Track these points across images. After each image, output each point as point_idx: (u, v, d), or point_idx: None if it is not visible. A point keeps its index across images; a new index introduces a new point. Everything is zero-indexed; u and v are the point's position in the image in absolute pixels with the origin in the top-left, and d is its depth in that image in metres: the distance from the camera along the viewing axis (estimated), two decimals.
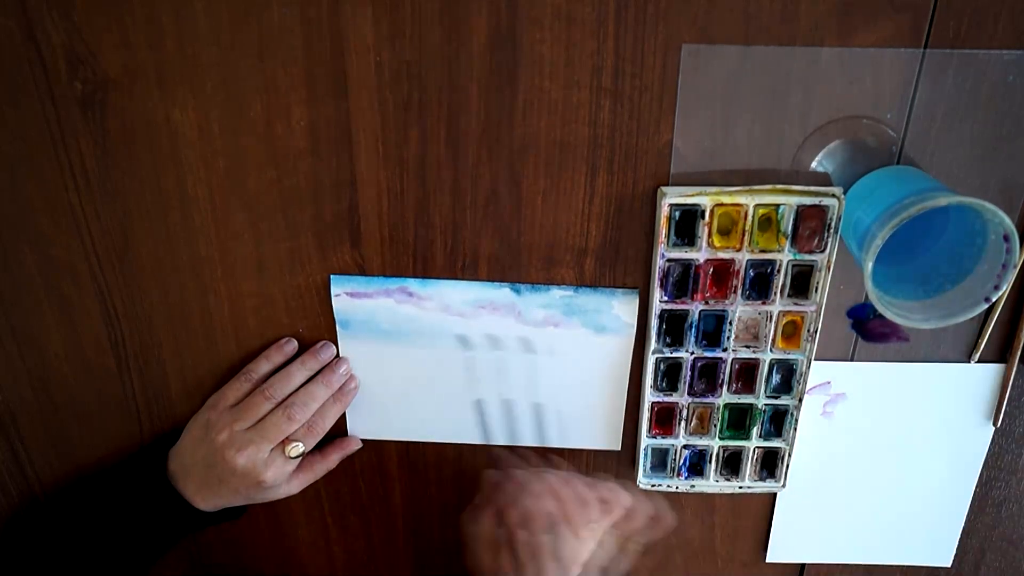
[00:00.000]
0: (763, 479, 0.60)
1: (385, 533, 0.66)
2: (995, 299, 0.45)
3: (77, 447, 0.61)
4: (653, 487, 0.60)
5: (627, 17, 0.46)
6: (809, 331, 0.53)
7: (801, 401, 0.56)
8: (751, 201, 0.49)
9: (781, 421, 0.57)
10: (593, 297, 0.55)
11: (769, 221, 0.50)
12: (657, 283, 0.52)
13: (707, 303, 0.53)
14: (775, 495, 0.63)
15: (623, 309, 0.55)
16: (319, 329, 0.57)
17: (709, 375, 0.56)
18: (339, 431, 0.61)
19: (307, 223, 0.53)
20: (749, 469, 0.59)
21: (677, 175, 0.51)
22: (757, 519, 0.64)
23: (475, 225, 0.53)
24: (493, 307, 0.55)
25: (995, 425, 0.59)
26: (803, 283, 0.52)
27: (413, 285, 0.55)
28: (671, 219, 0.50)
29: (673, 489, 0.60)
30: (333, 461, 0.60)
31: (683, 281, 0.52)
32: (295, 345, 0.57)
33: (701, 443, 0.58)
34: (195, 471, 0.55)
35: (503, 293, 0.55)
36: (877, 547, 0.65)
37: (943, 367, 0.57)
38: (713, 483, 0.60)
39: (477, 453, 0.62)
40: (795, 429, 0.57)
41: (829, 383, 0.58)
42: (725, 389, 0.56)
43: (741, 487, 0.60)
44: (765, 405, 0.57)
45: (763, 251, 0.51)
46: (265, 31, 0.47)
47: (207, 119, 0.50)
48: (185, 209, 0.52)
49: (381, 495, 0.64)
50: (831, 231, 0.49)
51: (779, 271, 0.51)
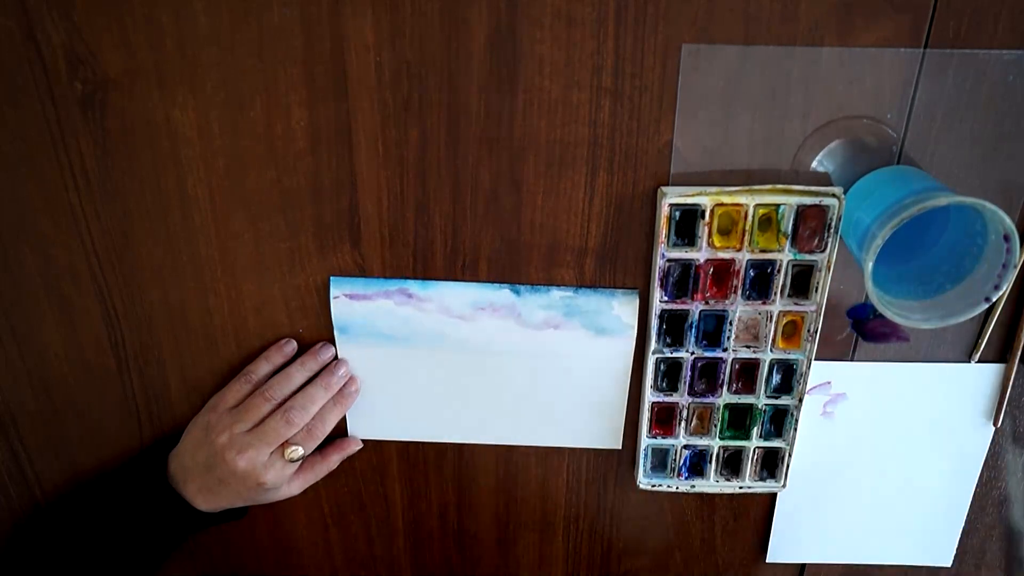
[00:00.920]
0: (763, 479, 0.60)
1: (385, 533, 0.66)
2: (995, 299, 0.45)
3: (77, 448, 0.61)
4: (653, 487, 0.60)
5: (627, 17, 0.46)
6: (809, 331, 0.53)
7: (801, 401, 0.56)
8: (751, 201, 0.49)
9: (781, 421, 0.57)
10: (593, 298, 0.55)
11: (769, 221, 0.50)
12: (657, 283, 0.52)
13: (707, 303, 0.53)
14: (775, 495, 0.63)
15: (623, 310, 0.55)
16: (319, 329, 0.57)
17: (709, 375, 0.56)
18: (339, 432, 0.60)
19: (307, 223, 0.53)
20: (749, 469, 0.59)
21: (677, 175, 0.51)
22: (757, 519, 0.64)
23: (475, 225, 0.53)
24: (493, 309, 0.55)
25: (995, 425, 0.59)
26: (803, 283, 0.52)
27: (412, 287, 0.55)
28: (671, 219, 0.50)
29: (673, 489, 0.60)
30: (333, 462, 0.60)
31: (683, 281, 0.52)
32: (295, 346, 0.57)
33: (701, 443, 0.58)
34: (195, 473, 0.55)
35: (503, 294, 0.55)
36: (877, 547, 0.65)
37: (943, 367, 0.57)
38: (713, 483, 0.60)
39: (477, 453, 0.62)
40: (795, 429, 0.57)
41: (829, 383, 0.58)
42: (725, 389, 0.56)
43: (741, 487, 0.60)
44: (765, 405, 0.57)
45: (763, 251, 0.51)
46: (265, 31, 0.47)
47: (207, 119, 0.50)
48: (185, 209, 0.52)
49: (381, 495, 0.64)
50: (831, 231, 0.49)
51: (779, 271, 0.51)
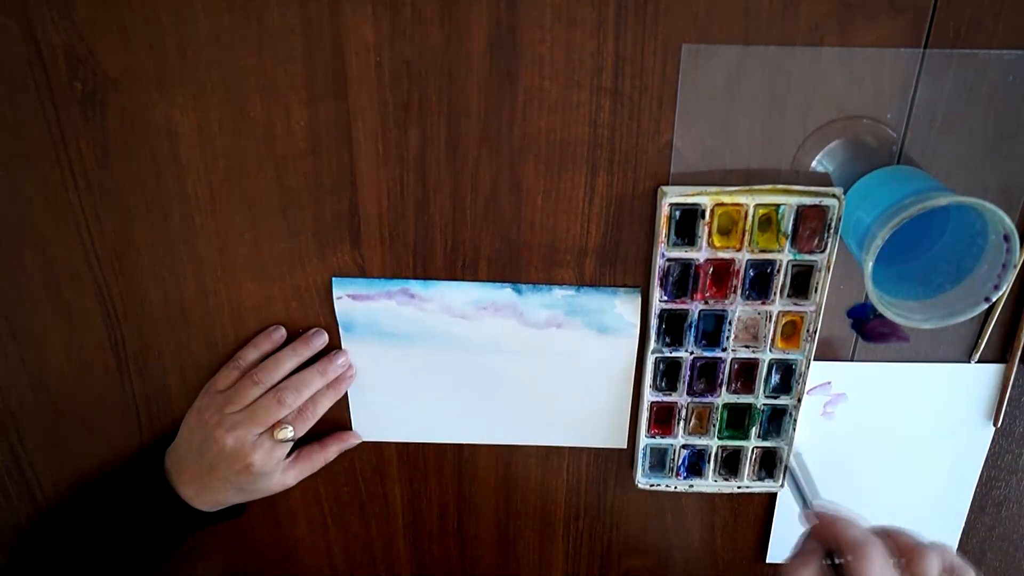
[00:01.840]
0: (761, 479, 0.60)
1: (385, 533, 0.66)
2: (995, 299, 0.45)
3: (77, 448, 0.61)
4: (652, 487, 0.60)
5: (627, 17, 0.46)
6: (808, 331, 0.53)
7: (800, 401, 0.56)
8: (751, 201, 0.49)
9: (780, 421, 0.57)
10: (595, 297, 0.55)
11: (769, 221, 0.50)
12: (657, 283, 0.52)
13: (707, 303, 0.53)
14: (775, 495, 0.63)
15: (625, 308, 0.55)
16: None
17: (708, 375, 0.56)
18: (343, 427, 0.60)
19: (307, 223, 0.53)
20: (748, 469, 0.59)
21: (677, 175, 0.51)
22: (757, 519, 0.64)
23: (475, 225, 0.53)
24: (495, 308, 0.55)
25: (995, 425, 0.59)
26: (803, 283, 0.52)
27: (415, 287, 0.55)
28: (671, 219, 0.50)
29: (672, 489, 0.60)
30: (332, 453, 0.59)
31: (683, 281, 0.52)
32: (283, 333, 0.57)
33: (700, 443, 0.58)
34: (189, 461, 0.55)
35: (505, 294, 0.55)
36: None
37: (943, 367, 0.57)
38: (712, 483, 0.60)
39: (477, 453, 0.62)
40: (794, 429, 0.57)
41: (829, 383, 0.58)
42: (724, 389, 0.56)
43: (740, 487, 0.60)
44: (764, 405, 0.57)
45: (763, 251, 0.51)
46: (265, 31, 0.47)
47: (207, 119, 0.50)
48: (185, 209, 0.52)
49: (381, 495, 0.64)
50: (831, 231, 0.49)
51: (779, 271, 0.51)
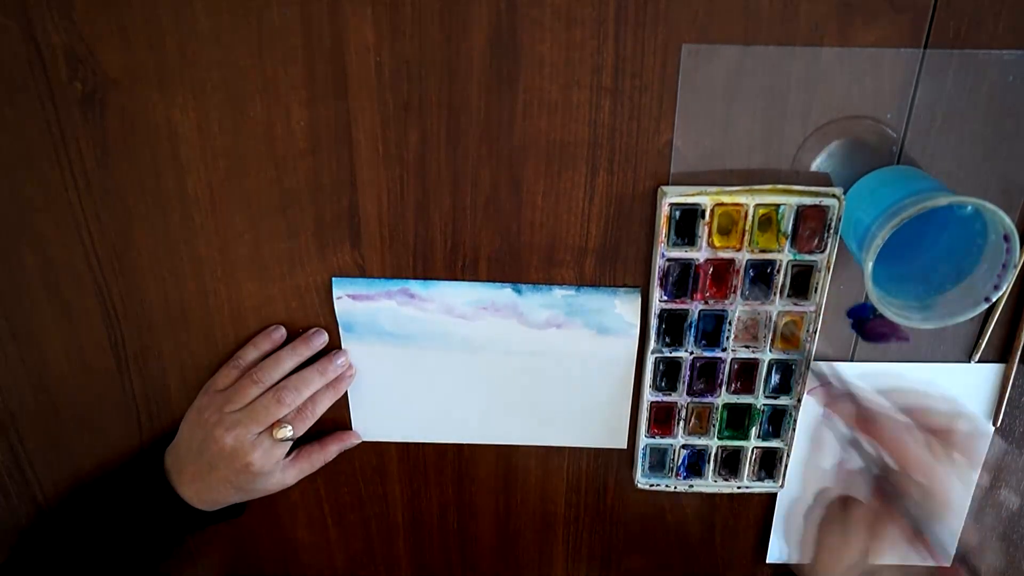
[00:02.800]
0: (761, 479, 0.60)
1: (385, 533, 0.66)
2: (995, 299, 0.45)
3: (77, 448, 0.61)
4: (652, 487, 0.60)
5: (627, 17, 0.46)
6: (808, 331, 0.53)
7: (800, 401, 0.56)
8: (751, 201, 0.49)
9: (780, 421, 0.57)
10: (595, 296, 0.55)
11: (769, 221, 0.50)
12: (657, 282, 0.52)
13: (707, 303, 0.53)
14: (775, 495, 0.63)
15: (625, 308, 0.55)
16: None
17: (708, 375, 0.56)
18: (344, 427, 0.60)
19: (307, 223, 0.53)
20: (747, 469, 0.59)
21: (677, 175, 0.51)
22: (757, 519, 0.64)
23: (475, 225, 0.53)
24: (495, 308, 0.55)
25: (995, 425, 0.59)
26: (803, 283, 0.52)
27: (415, 287, 0.55)
28: (671, 219, 0.50)
29: (671, 489, 0.60)
30: (331, 453, 0.59)
31: (683, 281, 0.52)
32: (283, 332, 0.56)
33: (700, 443, 0.58)
34: (188, 460, 0.55)
35: (505, 294, 0.55)
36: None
37: (943, 367, 0.57)
38: (711, 483, 0.60)
39: (477, 453, 0.62)
40: (794, 429, 0.57)
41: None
42: (724, 389, 0.56)
43: (739, 487, 0.60)
44: (764, 405, 0.57)
45: (763, 251, 0.51)
46: (265, 31, 0.47)
47: (207, 119, 0.50)
48: (185, 209, 0.52)
49: (381, 495, 0.64)
50: (831, 231, 0.49)
51: (779, 271, 0.51)
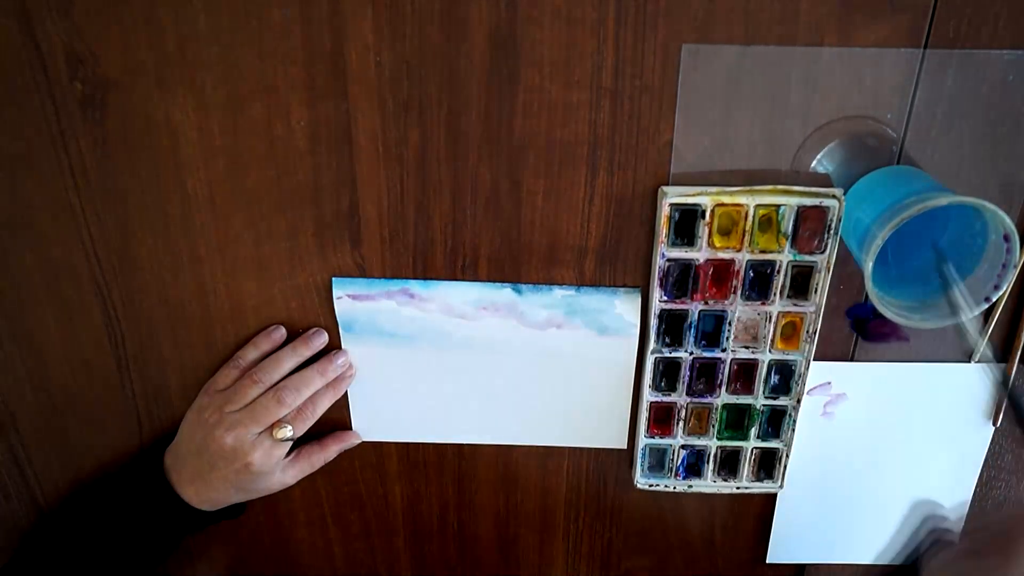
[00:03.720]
0: (760, 480, 0.60)
1: (385, 533, 0.66)
2: (995, 299, 0.45)
3: (77, 448, 0.61)
4: (651, 487, 0.60)
5: (627, 17, 0.46)
6: (808, 332, 0.53)
7: (799, 402, 0.56)
8: (751, 201, 0.49)
9: (779, 422, 0.57)
10: (595, 297, 0.55)
11: (769, 221, 0.50)
12: (657, 283, 0.52)
13: (706, 303, 0.53)
14: (775, 495, 0.63)
15: (625, 308, 0.55)
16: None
17: (708, 375, 0.56)
18: (344, 427, 0.60)
19: (307, 223, 0.53)
20: (747, 470, 0.59)
21: (677, 175, 0.51)
22: (757, 519, 0.64)
23: (475, 225, 0.53)
24: (495, 308, 0.55)
25: (995, 425, 0.59)
26: (803, 284, 0.52)
27: (415, 287, 0.55)
28: (671, 219, 0.50)
29: (671, 489, 0.60)
30: (332, 453, 0.59)
31: (683, 281, 0.52)
32: (283, 332, 0.56)
33: (699, 443, 0.58)
34: (188, 460, 0.55)
35: (505, 294, 0.55)
36: (877, 547, 0.65)
37: (943, 367, 0.57)
38: (711, 483, 0.60)
39: (477, 453, 0.62)
40: (793, 430, 0.57)
41: (829, 383, 0.58)
42: (723, 389, 0.56)
43: (739, 487, 0.60)
44: (763, 406, 0.57)
45: (763, 251, 0.51)
46: (265, 31, 0.47)
47: (207, 119, 0.50)
48: (185, 209, 0.52)
49: (381, 495, 0.64)
50: (831, 232, 0.49)
51: (779, 272, 0.51)
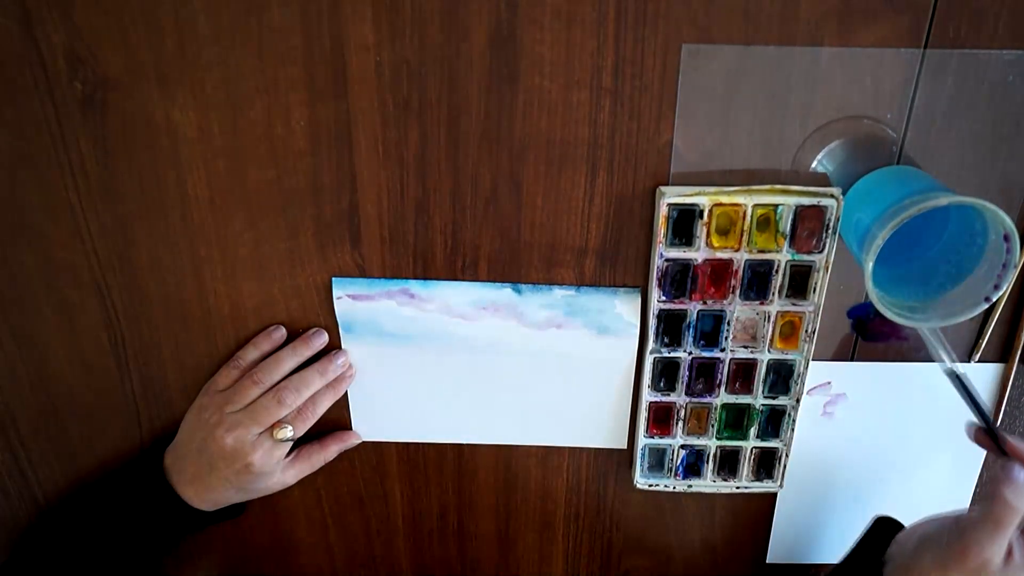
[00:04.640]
0: (760, 479, 0.60)
1: (385, 533, 0.66)
2: (995, 299, 0.45)
3: (77, 448, 0.61)
4: (651, 487, 0.60)
5: (627, 17, 0.46)
6: (807, 331, 0.53)
7: (799, 402, 0.56)
8: (749, 201, 0.49)
9: (778, 421, 0.57)
10: (595, 297, 0.55)
11: (767, 221, 0.50)
12: (655, 283, 0.52)
13: (705, 303, 0.53)
14: (775, 495, 0.63)
15: (625, 308, 0.55)
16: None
17: (707, 375, 0.56)
18: (344, 427, 0.60)
19: (307, 223, 0.53)
20: (746, 469, 0.59)
21: (677, 175, 0.51)
22: (757, 519, 0.64)
23: (475, 225, 0.53)
24: (495, 308, 0.55)
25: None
26: (801, 283, 0.52)
27: (414, 287, 0.55)
28: (669, 219, 0.50)
29: (670, 489, 0.60)
30: (332, 453, 0.59)
31: (681, 281, 0.52)
32: (283, 332, 0.57)
33: (698, 443, 0.58)
34: (188, 460, 0.55)
35: (504, 294, 0.55)
36: None
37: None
38: (710, 483, 0.60)
39: (477, 453, 0.62)
40: (792, 430, 0.57)
41: (829, 383, 0.58)
42: (723, 389, 0.56)
43: (738, 487, 0.60)
44: (762, 405, 0.57)
45: (761, 251, 0.51)
46: (265, 31, 0.47)
47: (207, 119, 0.50)
48: (185, 209, 0.52)
49: (381, 495, 0.64)
50: (829, 231, 0.49)
51: (777, 271, 0.51)
